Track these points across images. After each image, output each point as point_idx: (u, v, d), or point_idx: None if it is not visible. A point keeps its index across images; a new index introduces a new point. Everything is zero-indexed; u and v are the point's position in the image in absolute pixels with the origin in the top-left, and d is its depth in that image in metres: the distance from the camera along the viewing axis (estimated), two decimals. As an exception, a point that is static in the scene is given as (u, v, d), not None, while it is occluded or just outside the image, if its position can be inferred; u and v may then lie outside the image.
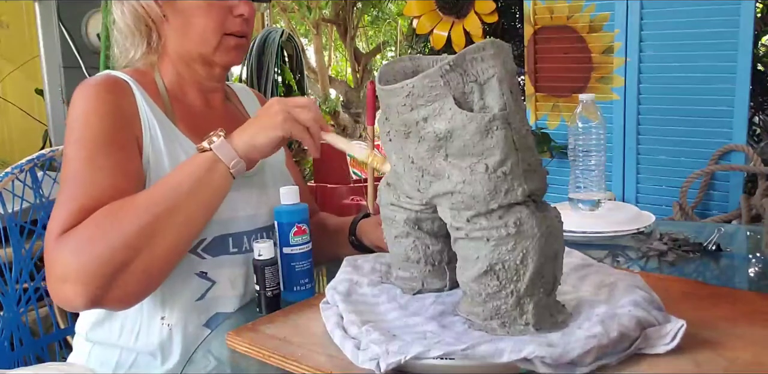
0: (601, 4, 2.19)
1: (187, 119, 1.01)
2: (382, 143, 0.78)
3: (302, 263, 0.91)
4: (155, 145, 0.94)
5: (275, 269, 0.88)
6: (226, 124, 1.04)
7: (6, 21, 3.02)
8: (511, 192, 0.66)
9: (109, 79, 0.95)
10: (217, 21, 0.97)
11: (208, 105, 1.07)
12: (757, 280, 1.01)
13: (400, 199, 0.79)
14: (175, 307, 0.94)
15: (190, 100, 1.04)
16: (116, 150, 0.89)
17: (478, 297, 0.69)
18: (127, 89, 0.95)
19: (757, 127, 2.22)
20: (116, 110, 0.92)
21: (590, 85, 2.27)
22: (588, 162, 1.25)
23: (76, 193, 0.84)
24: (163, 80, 1.02)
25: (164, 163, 0.94)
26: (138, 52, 1.01)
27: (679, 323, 0.67)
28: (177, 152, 0.95)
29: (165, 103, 0.99)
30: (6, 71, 3.01)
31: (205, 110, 1.06)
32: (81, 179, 0.85)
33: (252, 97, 1.20)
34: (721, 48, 1.97)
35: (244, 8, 0.99)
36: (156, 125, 0.95)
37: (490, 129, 0.65)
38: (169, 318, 0.94)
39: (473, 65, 0.66)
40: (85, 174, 0.86)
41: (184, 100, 1.04)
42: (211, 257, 0.96)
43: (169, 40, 1.01)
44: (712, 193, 2.07)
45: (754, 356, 0.66)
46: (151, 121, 0.95)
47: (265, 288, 0.87)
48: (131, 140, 0.92)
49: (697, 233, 1.20)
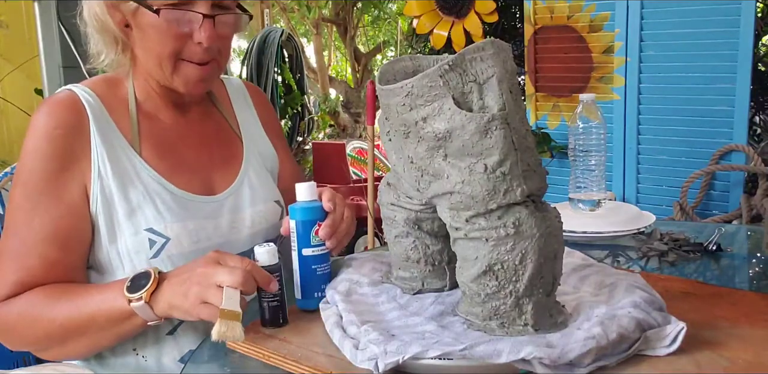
0: (602, 4, 2.19)
1: (156, 138, 0.96)
2: (382, 143, 0.78)
3: (323, 266, 0.84)
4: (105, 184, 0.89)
5: (278, 276, 0.79)
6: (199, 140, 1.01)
7: (6, 21, 3.02)
8: (510, 192, 0.66)
9: (63, 104, 0.90)
10: (171, 47, 0.89)
11: (185, 118, 1.01)
12: (758, 280, 1.00)
13: (400, 199, 0.79)
14: (147, 341, 0.92)
15: (163, 116, 0.99)
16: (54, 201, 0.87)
17: (477, 297, 0.69)
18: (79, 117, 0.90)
19: (757, 127, 2.22)
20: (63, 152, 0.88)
21: (590, 85, 2.27)
22: (588, 162, 1.25)
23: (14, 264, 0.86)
24: (135, 94, 0.96)
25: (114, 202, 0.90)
26: (107, 58, 0.94)
27: (680, 325, 0.67)
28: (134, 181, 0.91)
29: (132, 123, 0.94)
30: (6, 71, 3.00)
31: (178, 126, 1.00)
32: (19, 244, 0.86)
33: (244, 94, 1.13)
34: (721, 48, 1.97)
35: (203, 35, 0.88)
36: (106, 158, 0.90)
37: (489, 129, 0.65)
38: (141, 350, 0.92)
39: (473, 65, 0.66)
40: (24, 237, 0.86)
41: (156, 115, 0.98)
42: None
43: (137, 52, 0.93)
44: (712, 193, 2.07)
45: (755, 356, 0.66)
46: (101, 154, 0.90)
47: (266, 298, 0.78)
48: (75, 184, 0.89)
49: (698, 233, 1.20)
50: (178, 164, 0.97)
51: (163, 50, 0.89)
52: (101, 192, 0.89)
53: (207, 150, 1.01)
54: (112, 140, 0.92)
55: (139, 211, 0.90)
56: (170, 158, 0.96)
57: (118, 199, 0.90)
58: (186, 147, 0.99)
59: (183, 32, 0.88)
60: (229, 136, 1.07)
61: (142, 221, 0.90)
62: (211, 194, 0.98)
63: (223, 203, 0.98)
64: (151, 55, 0.91)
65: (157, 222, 0.90)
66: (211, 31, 0.88)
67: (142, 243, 0.89)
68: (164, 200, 0.92)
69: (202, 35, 0.88)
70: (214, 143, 1.03)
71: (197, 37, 0.88)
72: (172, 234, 0.90)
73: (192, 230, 0.92)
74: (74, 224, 0.88)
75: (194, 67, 0.91)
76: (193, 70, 0.91)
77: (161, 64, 0.90)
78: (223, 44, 0.93)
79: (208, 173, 1.00)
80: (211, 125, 1.05)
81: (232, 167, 1.03)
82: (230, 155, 1.04)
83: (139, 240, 0.89)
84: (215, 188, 0.99)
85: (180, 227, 0.91)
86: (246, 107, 1.12)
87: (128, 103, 0.95)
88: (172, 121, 1.00)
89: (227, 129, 1.07)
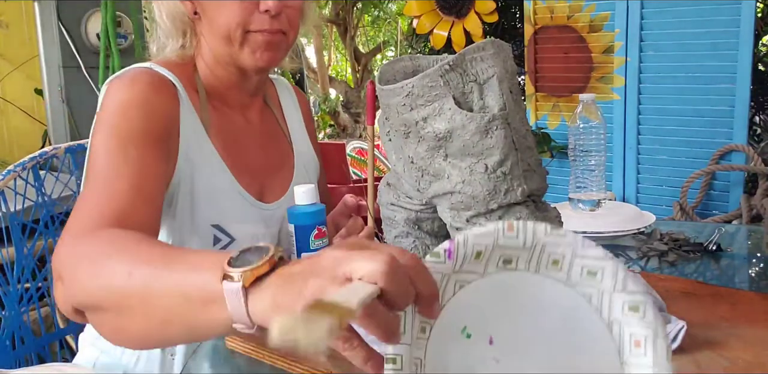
0: (602, 3, 2.19)
1: (223, 131, 0.94)
2: (382, 143, 0.78)
3: None
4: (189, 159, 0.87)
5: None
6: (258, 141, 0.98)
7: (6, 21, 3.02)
8: (510, 192, 0.66)
9: (155, 77, 0.87)
10: (240, 17, 0.88)
11: (246, 117, 1.00)
12: (758, 280, 1.00)
13: (400, 199, 0.79)
14: None
15: (228, 108, 0.97)
16: (150, 143, 0.81)
17: (478, 297, 0.69)
18: (173, 93, 0.88)
19: (757, 127, 2.22)
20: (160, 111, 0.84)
21: (590, 85, 2.27)
22: (588, 162, 1.25)
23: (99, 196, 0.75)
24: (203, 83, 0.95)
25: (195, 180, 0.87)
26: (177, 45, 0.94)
27: (680, 324, 0.67)
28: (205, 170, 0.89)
29: (203, 108, 0.92)
30: (6, 71, 3.00)
31: (242, 122, 0.99)
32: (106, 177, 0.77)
33: (290, 94, 1.12)
34: (721, 48, 1.97)
35: (270, 3, 0.88)
36: (190, 136, 0.88)
37: (489, 129, 0.65)
38: (171, 348, 0.90)
39: (473, 65, 0.66)
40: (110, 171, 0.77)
41: (222, 108, 0.97)
42: None
43: (202, 39, 0.94)
44: (712, 193, 2.07)
45: (755, 356, 0.66)
46: (187, 132, 0.88)
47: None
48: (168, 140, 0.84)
49: (698, 233, 1.20)
50: (241, 161, 0.95)
51: (231, 22, 0.88)
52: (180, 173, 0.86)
53: (264, 152, 1.00)
54: (193, 124, 0.90)
55: (207, 203, 0.88)
56: (235, 154, 0.94)
57: (191, 184, 0.87)
58: (248, 145, 0.98)
59: (250, 2, 0.88)
60: (282, 140, 1.05)
61: (208, 215, 0.88)
62: (262, 199, 0.96)
63: (274, 213, 0.96)
64: (220, 32, 0.89)
65: (225, 220, 0.88)
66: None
67: (205, 238, 0.87)
68: (232, 197, 0.90)
69: (268, 3, 0.88)
70: (270, 145, 1.02)
71: (263, 5, 0.88)
72: (238, 235, 0.89)
73: (253, 234, 0.90)
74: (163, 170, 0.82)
75: (261, 34, 0.89)
76: (260, 38, 0.89)
77: (230, 38, 0.89)
78: (290, 14, 0.91)
79: (263, 177, 0.98)
80: (267, 126, 1.04)
81: (283, 174, 1.02)
82: (283, 160, 1.03)
83: (203, 234, 0.87)
84: (267, 194, 0.97)
85: (244, 230, 0.90)
86: (294, 110, 1.11)
87: (198, 90, 0.93)
88: (236, 115, 0.98)
89: (280, 133, 1.06)
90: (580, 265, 0.47)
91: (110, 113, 0.82)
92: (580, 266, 0.47)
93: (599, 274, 0.47)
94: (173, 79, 0.89)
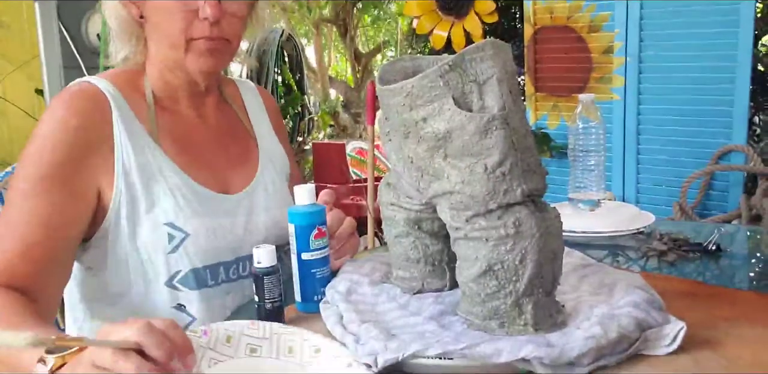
0: (601, 4, 2.19)
1: (174, 132, 0.96)
2: (382, 143, 0.78)
3: (323, 270, 0.84)
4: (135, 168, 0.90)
5: (276, 278, 0.79)
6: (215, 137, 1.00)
7: (6, 21, 3.02)
8: (510, 192, 0.66)
9: (85, 96, 0.90)
10: (182, 24, 0.90)
11: (200, 114, 1.02)
12: (757, 280, 1.01)
13: (400, 199, 0.79)
14: None
15: (181, 109, 0.99)
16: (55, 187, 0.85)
17: (477, 297, 0.69)
18: (103, 110, 0.90)
19: (757, 127, 2.22)
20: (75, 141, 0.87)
21: (590, 85, 2.27)
22: (588, 162, 1.25)
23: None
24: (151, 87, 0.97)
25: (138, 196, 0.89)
26: (125, 52, 0.96)
27: (679, 325, 0.67)
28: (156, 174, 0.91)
29: (150, 114, 0.95)
30: (6, 71, 3.00)
31: (196, 120, 1.01)
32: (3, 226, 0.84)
33: (255, 95, 1.14)
34: (721, 48, 1.98)
35: (209, 11, 0.89)
36: (133, 147, 0.90)
37: (489, 129, 0.65)
38: None
39: (472, 65, 0.66)
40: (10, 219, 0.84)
41: (173, 108, 0.99)
42: (188, 290, 0.92)
43: (150, 43, 0.96)
44: (712, 193, 2.08)
45: (755, 356, 0.66)
46: (128, 144, 0.90)
47: (264, 300, 0.78)
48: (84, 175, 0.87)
49: (697, 233, 1.20)
50: (197, 159, 0.97)
51: (174, 29, 0.90)
52: (126, 187, 0.89)
53: (223, 148, 1.02)
54: (135, 132, 0.92)
55: (159, 205, 0.90)
56: (189, 153, 0.96)
57: (141, 193, 0.90)
58: (203, 143, 0.99)
59: (190, 10, 0.90)
60: (243, 135, 1.07)
61: (161, 216, 0.90)
62: (226, 192, 0.98)
63: (239, 204, 0.98)
64: (165, 38, 0.92)
65: (177, 217, 0.90)
66: (215, 7, 0.90)
67: (160, 238, 0.89)
68: (184, 194, 0.92)
69: (207, 11, 0.89)
70: (230, 141, 1.04)
71: (202, 13, 0.90)
72: (191, 230, 0.91)
73: (210, 227, 0.92)
74: (68, 211, 0.86)
75: (203, 41, 0.92)
76: (202, 45, 0.92)
77: (174, 45, 0.92)
78: (230, 22, 0.93)
79: (224, 171, 1.00)
80: (225, 122, 1.05)
81: (248, 168, 1.03)
82: (245, 155, 1.05)
83: (158, 235, 0.89)
84: (231, 187, 0.99)
85: (199, 223, 0.92)
86: (259, 110, 1.12)
87: (146, 95, 0.96)
88: (188, 115, 1.00)
89: (241, 128, 1.07)
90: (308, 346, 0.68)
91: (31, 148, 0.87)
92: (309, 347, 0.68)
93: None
94: (111, 92, 0.92)
